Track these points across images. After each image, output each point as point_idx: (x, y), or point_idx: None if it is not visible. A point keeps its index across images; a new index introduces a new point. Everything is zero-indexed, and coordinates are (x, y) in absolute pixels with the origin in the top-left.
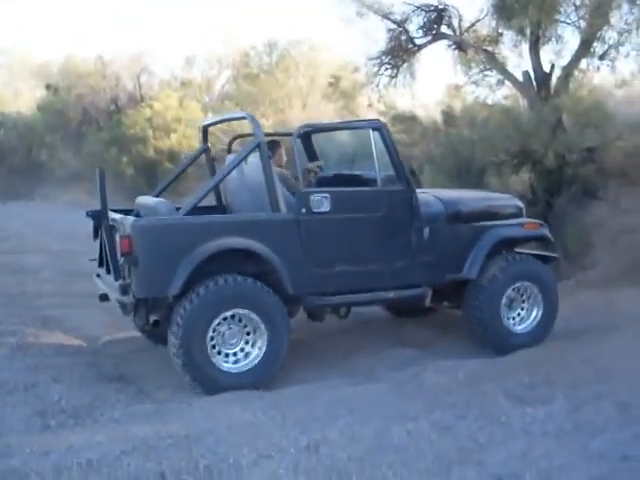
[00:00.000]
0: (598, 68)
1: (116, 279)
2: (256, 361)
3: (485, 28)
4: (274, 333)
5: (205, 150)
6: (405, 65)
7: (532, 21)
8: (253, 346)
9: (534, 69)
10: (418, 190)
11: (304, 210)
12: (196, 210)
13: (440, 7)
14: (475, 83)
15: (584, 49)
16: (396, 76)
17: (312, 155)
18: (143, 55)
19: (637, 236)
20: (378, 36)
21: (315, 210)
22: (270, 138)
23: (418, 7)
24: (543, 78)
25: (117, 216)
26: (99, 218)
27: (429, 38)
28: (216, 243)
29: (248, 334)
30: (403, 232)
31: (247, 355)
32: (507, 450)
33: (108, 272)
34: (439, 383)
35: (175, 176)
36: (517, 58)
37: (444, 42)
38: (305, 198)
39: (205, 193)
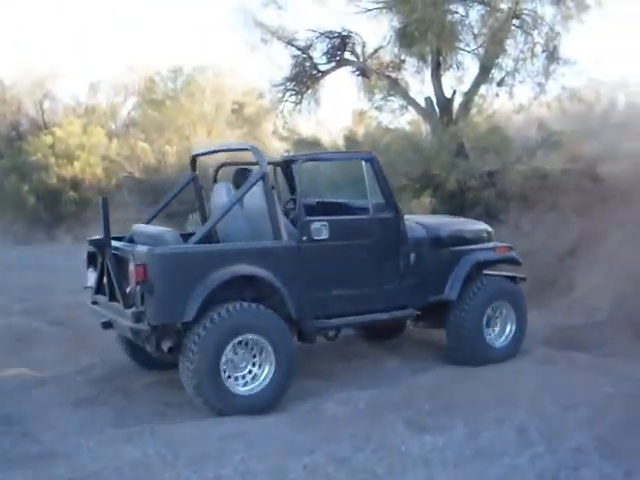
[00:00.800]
0: (497, 94)
1: (126, 307)
2: (265, 383)
3: (388, 55)
4: (282, 356)
5: (193, 179)
6: (309, 91)
7: (433, 48)
8: (261, 369)
9: (436, 95)
10: None
11: (305, 238)
12: (183, 237)
13: (344, 34)
14: (378, 109)
15: (483, 76)
16: (300, 102)
17: (292, 183)
18: (46, 80)
19: (537, 258)
20: (282, 62)
21: (315, 237)
22: (240, 167)
23: (322, 34)
24: (445, 104)
25: (126, 245)
26: (102, 246)
27: (333, 64)
28: (228, 270)
29: (254, 357)
30: (393, 257)
31: (255, 378)
32: None
33: (111, 300)
34: (339, 414)
35: (165, 203)
36: (419, 84)
37: (348, 68)
38: (306, 226)
39: (215, 222)
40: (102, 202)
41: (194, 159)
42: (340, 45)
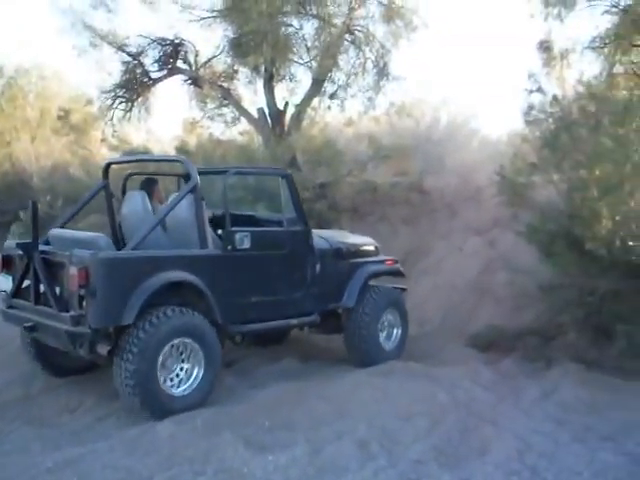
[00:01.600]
0: (329, 107)
1: (61, 310)
2: (195, 384)
3: (221, 64)
4: (210, 359)
5: (105, 186)
6: (140, 99)
7: (266, 59)
8: (191, 371)
9: (268, 106)
10: None
11: (229, 247)
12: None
13: (176, 41)
14: (211, 118)
15: (316, 88)
16: (131, 110)
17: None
18: None
19: None
20: (112, 68)
21: (238, 247)
22: (147, 176)
23: (154, 40)
24: (277, 115)
25: (60, 249)
26: (30, 250)
27: (165, 72)
28: (163, 276)
29: (183, 361)
30: (302, 267)
31: (187, 379)
32: None
33: (37, 304)
34: (175, 435)
35: (77, 209)
36: (252, 95)
37: (180, 77)
38: (231, 236)
39: (150, 230)
40: (32, 206)
41: (107, 167)
42: (172, 53)
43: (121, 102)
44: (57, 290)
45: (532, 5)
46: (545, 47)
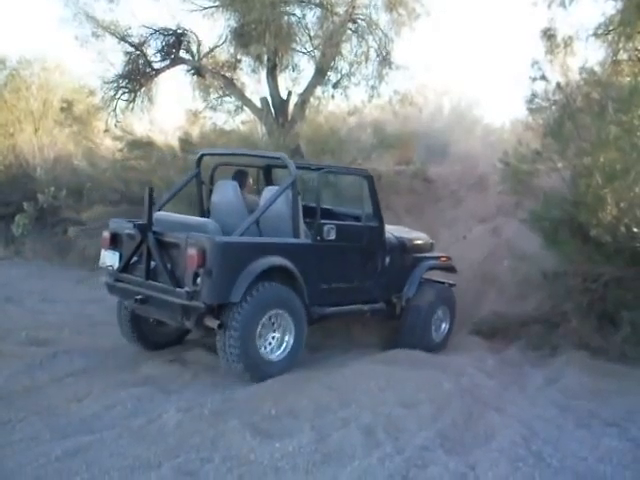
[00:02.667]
0: (332, 96)
1: (175, 286)
2: (286, 350)
3: (224, 54)
4: (299, 328)
5: (197, 175)
6: (143, 89)
7: (269, 49)
8: (282, 339)
9: (272, 95)
10: None
11: (318, 237)
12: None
13: (179, 31)
14: (213, 108)
15: (319, 77)
16: (134, 100)
17: (270, 185)
18: None
19: None
20: (115, 59)
21: (325, 238)
22: (239, 168)
23: (156, 30)
24: (280, 104)
25: (177, 232)
26: (145, 230)
27: (167, 62)
28: (267, 260)
29: (274, 330)
30: (375, 259)
31: (278, 347)
32: None
33: (148, 279)
34: (183, 423)
35: (172, 195)
36: (255, 84)
37: (183, 67)
38: (320, 228)
39: (255, 219)
40: (148, 192)
41: (201, 157)
42: (175, 43)
43: (124, 93)
44: (170, 268)
45: None
46: (549, 34)
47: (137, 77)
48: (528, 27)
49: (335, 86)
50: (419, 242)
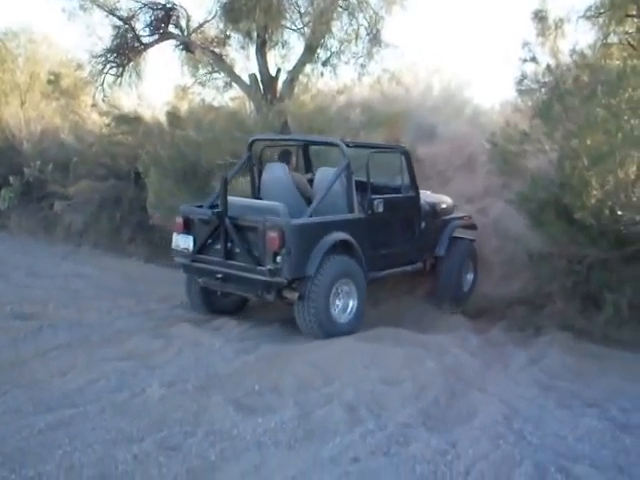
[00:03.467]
0: (322, 74)
1: (256, 265)
2: (352, 314)
3: (213, 30)
4: (361, 294)
5: (249, 157)
6: (131, 64)
7: (259, 25)
8: (346, 304)
9: (261, 72)
10: None
11: (370, 211)
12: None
13: (168, 6)
14: (202, 84)
15: (308, 55)
16: (122, 75)
17: (309, 164)
18: None
19: None
20: (103, 32)
21: (375, 211)
22: (284, 149)
23: (145, 4)
24: (269, 81)
25: (255, 216)
26: (222, 216)
27: (156, 37)
28: (332, 236)
29: (341, 297)
30: (413, 225)
31: (344, 310)
32: (240, 466)
33: (227, 259)
34: (166, 397)
35: (231, 176)
36: (244, 61)
37: (172, 42)
38: (371, 202)
39: (320, 199)
40: (222, 182)
41: (252, 142)
42: (164, 17)
43: (112, 67)
44: (248, 248)
45: None
46: (540, 16)
47: (125, 51)
48: (520, 8)
49: (325, 64)
50: (445, 205)
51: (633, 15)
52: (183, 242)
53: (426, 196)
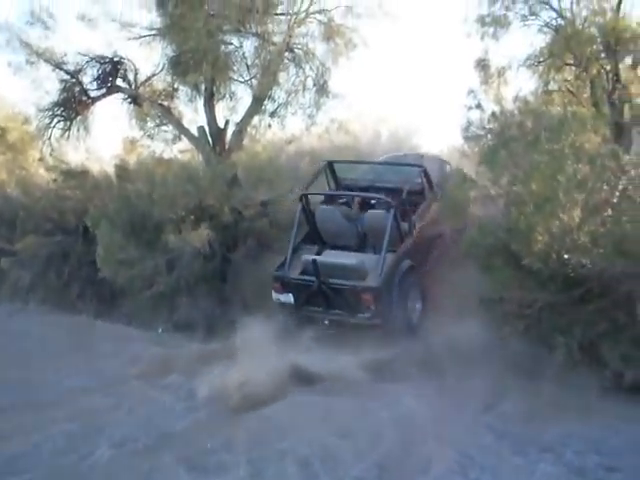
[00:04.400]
0: (269, 125)
1: (355, 313)
2: (419, 314)
3: (161, 83)
4: (423, 298)
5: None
6: (79, 118)
7: (206, 77)
8: (414, 307)
9: (209, 124)
10: None
11: (412, 230)
12: None
13: (115, 60)
14: (151, 137)
15: (256, 106)
16: (69, 129)
17: (336, 180)
18: None
19: None
20: (50, 86)
21: (415, 228)
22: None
23: (92, 58)
24: (218, 133)
25: (349, 282)
26: (319, 284)
27: (104, 91)
28: (401, 267)
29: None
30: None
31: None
32: None
33: (328, 309)
34: (115, 458)
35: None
36: (193, 113)
37: (120, 95)
38: (411, 224)
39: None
40: (313, 261)
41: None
42: (112, 71)
43: (59, 121)
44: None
45: (468, 25)
46: (482, 65)
47: (73, 105)
48: (464, 57)
49: (272, 115)
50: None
51: (571, 64)
52: (284, 298)
53: None
